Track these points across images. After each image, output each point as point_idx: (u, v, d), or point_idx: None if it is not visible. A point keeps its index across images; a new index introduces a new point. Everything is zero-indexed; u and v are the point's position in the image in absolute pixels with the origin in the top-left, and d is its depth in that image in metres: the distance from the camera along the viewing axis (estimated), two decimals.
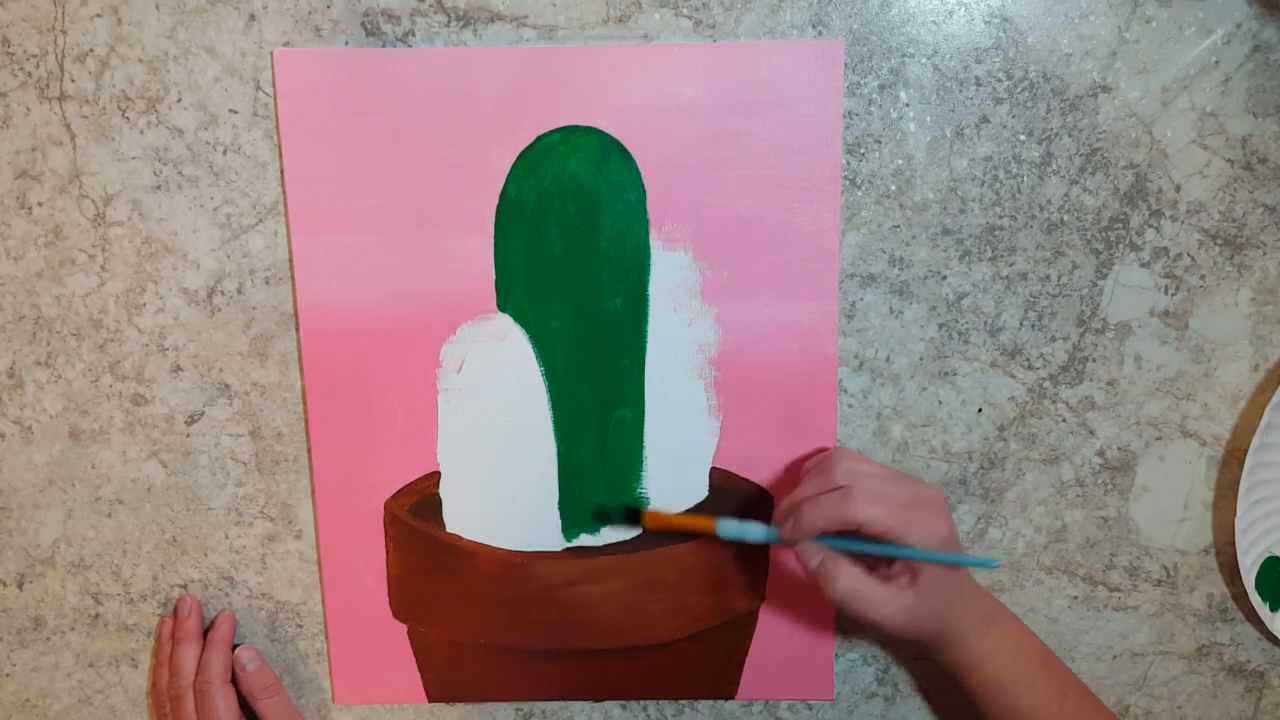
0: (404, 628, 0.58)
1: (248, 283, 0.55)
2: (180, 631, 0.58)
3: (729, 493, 0.56)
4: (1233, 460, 0.55)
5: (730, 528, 0.52)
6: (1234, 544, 0.54)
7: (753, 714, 0.59)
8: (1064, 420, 0.55)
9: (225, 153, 0.54)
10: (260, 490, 0.57)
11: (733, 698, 0.59)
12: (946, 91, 0.52)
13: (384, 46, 0.52)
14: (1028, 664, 0.51)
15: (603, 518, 0.56)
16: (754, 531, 0.51)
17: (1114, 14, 0.51)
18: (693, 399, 0.55)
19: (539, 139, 0.53)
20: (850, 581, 0.48)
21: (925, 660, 0.58)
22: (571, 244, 0.54)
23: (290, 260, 0.54)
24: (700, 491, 0.56)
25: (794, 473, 0.56)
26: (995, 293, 0.54)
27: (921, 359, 0.55)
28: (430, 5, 0.52)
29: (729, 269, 0.54)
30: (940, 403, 0.55)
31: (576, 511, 0.57)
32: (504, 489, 0.56)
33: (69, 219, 0.55)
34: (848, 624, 0.58)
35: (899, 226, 0.53)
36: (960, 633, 0.50)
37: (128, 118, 0.53)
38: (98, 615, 0.59)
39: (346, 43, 0.52)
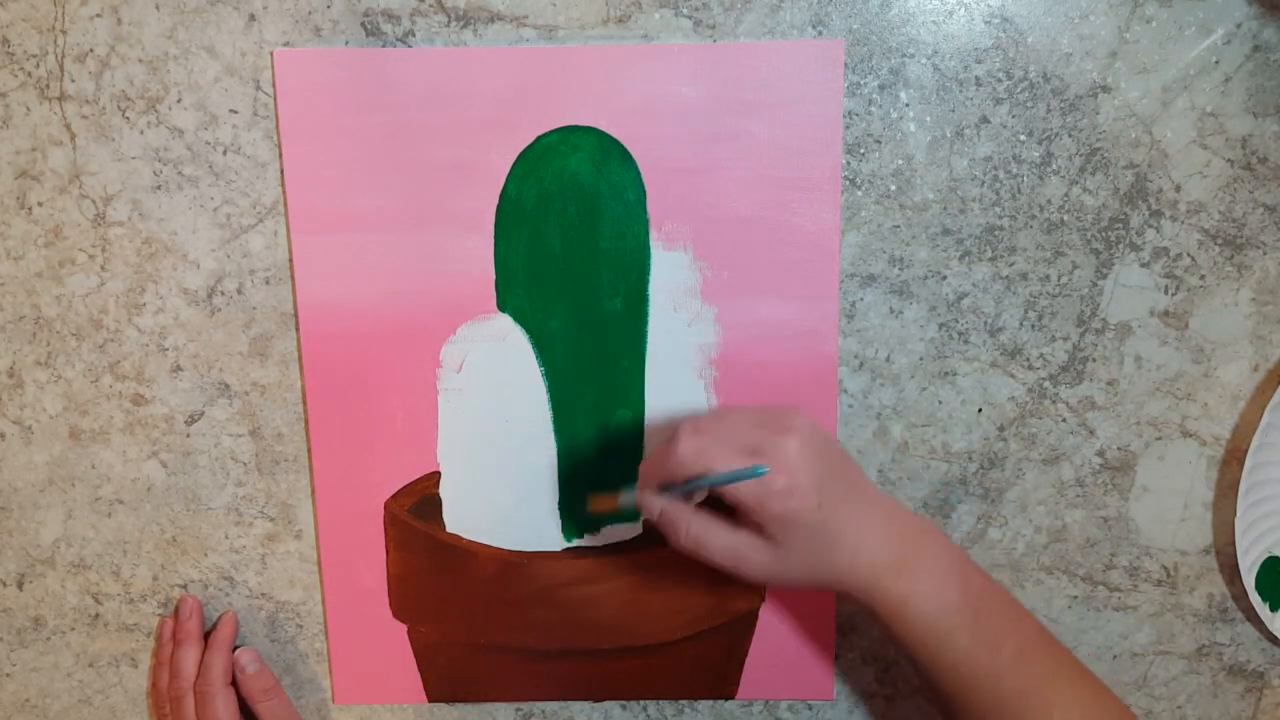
0: (404, 628, 0.58)
1: (248, 283, 0.55)
2: (181, 632, 0.58)
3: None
4: (1233, 460, 0.55)
5: (625, 500, 0.50)
6: (1234, 544, 0.54)
7: (753, 714, 0.59)
8: (1064, 420, 0.55)
9: (225, 153, 0.54)
10: (260, 490, 0.57)
11: (733, 698, 0.59)
12: (946, 91, 0.52)
13: (384, 46, 0.52)
14: (953, 611, 0.45)
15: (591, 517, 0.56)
16: (625, 499, 0.50)
17: (1114, 14, 0.51)
18: (693, 399, 0.55)
19: (539, 139, 0.53)
20: (700, 530, 0.46)
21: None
22: (571, 244, 0.54)
23: (290, 260, 0.54)
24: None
25: None
26: (995, 293, 0.54)
27: (921, 359, 0.55)
28: (430, 5, 0.52)
29: (729, 269, 0.54)
30: (940, 403, 0.55)
31: (576, 511, 0.57)
32: (504, 489, 0.56)
33: (69, 219, 0.55)
34: (844, 621, 0.58)
35: (899, 226, 0.53)
36: (864, 578, 0.46)
37: (128, 118, 0.53)
38: (98, 615, 0.59)
39: (346, 43, 0.52)
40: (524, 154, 0.53)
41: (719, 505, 0.47)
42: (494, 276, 0.54)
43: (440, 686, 0.59)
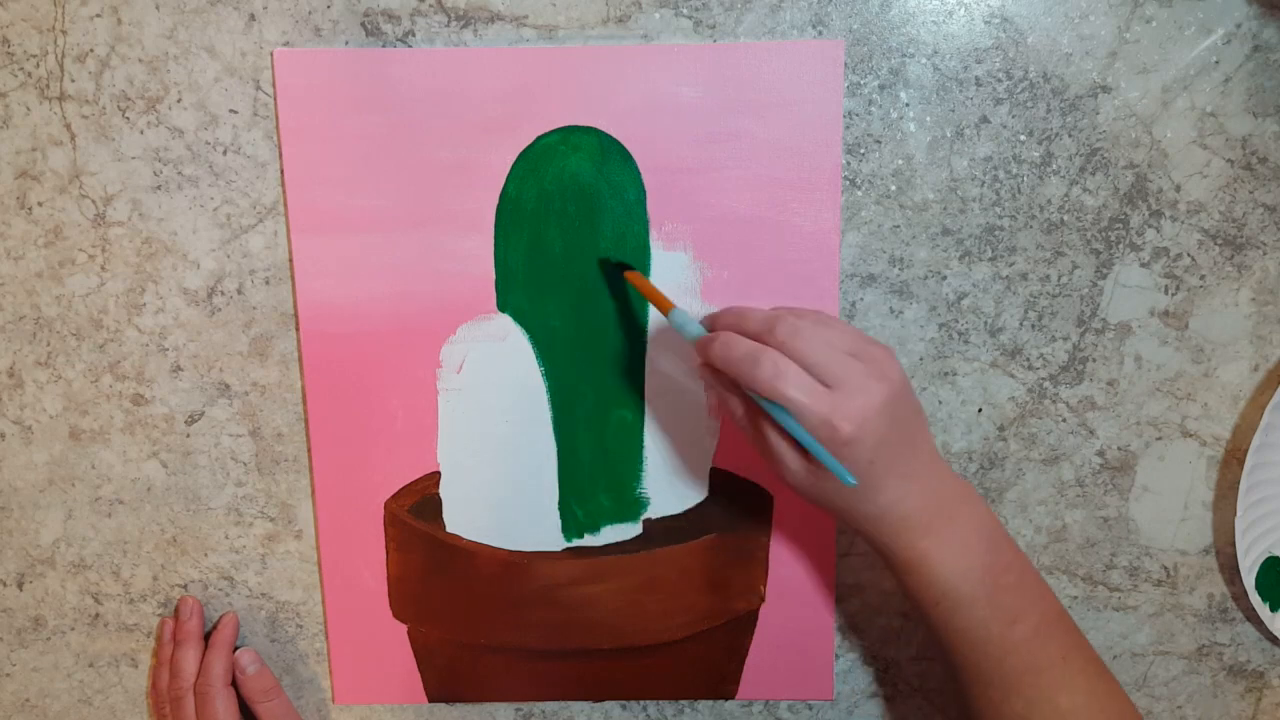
0: (404, 628, 0.58)
1: (248, 283, 0.55)
2: (181, 633, 0.58)
3: (729, 493, 0.56)
4: (1233, 460, 0.55)
5: (678, 317, 0.49)
6: (1234, 544, 0.54)
7: (753, 714, 0.59)
8: (1064, 420, 0.55)
9: (225, 153, 0.54)
10: (260, 490, 0.57)
11: (733, 698, 0.59)
12: (946, 91, 0.52)
13: (384, 46, 0.52)
14: (972, 579, 0.44)
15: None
16: (691, 329, 0.48)
17: (1114, 14, 0.51)
18: (693, 399, 0.55)
19: (539, 139, 0.53)
20: (751, 421, 0.45)
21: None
22: (571, 244, 0.54)
23: (290, 260, 0.54)
24: (700, 491, 0.56)
25: None
26: (995, 293, 0.54)
27: (921, 359, 0.55)
28: (430, 5, 0.52)
29: (729, 269, 0.54)
30: (940, 403, 0.55)
31: (576, 511, 0.57)
32: (504, 489, 0.56)
33: (69, 219, 0.55)
34: (844, 621, 0.58)
35: (899, 226, 0.53)
36: (890, 533, 0.45)
37: (128, 118, 0.53)
38: (98, 615, 0.59)
39: (346, 43, 0.52)
40: (524, 154, 0.53)
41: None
42: (494, 276, 0.54)
43: (440, 686, 0.59)
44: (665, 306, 0.50)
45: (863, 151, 0.53)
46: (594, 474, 0.56)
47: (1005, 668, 0.45)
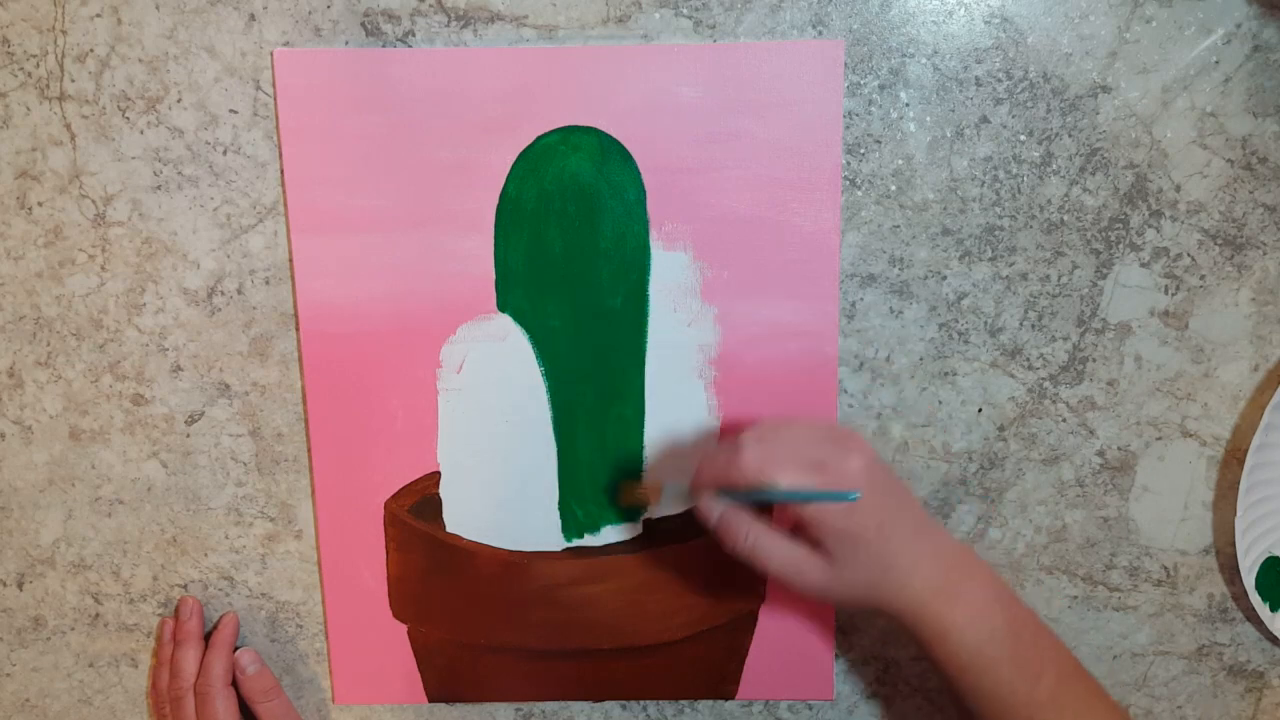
0: (404, 628, 0.58)
1: (248, 283, 0.55)
2: (182, 633, 0.58)
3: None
4: (1233, 460, 0.55)
5: (669, 492, 0.51)
6: (1234, 544, 0.54)
7: (753, 714, 0.59)
8: (1064, 420, 0.55)
9: (225, 153, 0.54)
10: (260, 490, 0.57)
11: (733, 698, 0.59)
12: (946, 91, 0.52)
13: (384, 46, 0.52)
14: (996, 641, 0.46)
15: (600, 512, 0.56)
16: (676, 492, 0.51)
17: (1114, 14, 0.51)
18: (693, 399, 0.55)
19: (539, 139, 0.53)
20: (759, 538, 0.47)
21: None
22: (571, 244, 0.54)
23: (290, 260, 0.54)
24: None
25: None
26: (995, 293, 0.54)
27: (921, 359, 0.55)
28: (430, 5, 0.52)
29: (729, 269, 0.54)
30: (940, 403, 0.55)
31: (576, 511, 0.57)
32: (504, 489, 0.56)
33: (69, 219, 0.55)
34: (844, 621, 0.58)
35: (899, 226, 0.53)
36: (913, 602, 0.46)
37: (128, 118, 0.53)
38: (98, 615, 0.59)
39: (346, 43, 0.52)
40: (524, 154, 0.53)
41: (759, 508, 0.48)
42: (494, 276, 0.54)
43: (440, 686, 0.59)
44: (648, 495, 0.54)
45: (863, 151, 0.53)
46: (594, 474, 0.56)
47: None
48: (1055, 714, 0.46)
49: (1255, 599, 0.55)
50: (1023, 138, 0.52)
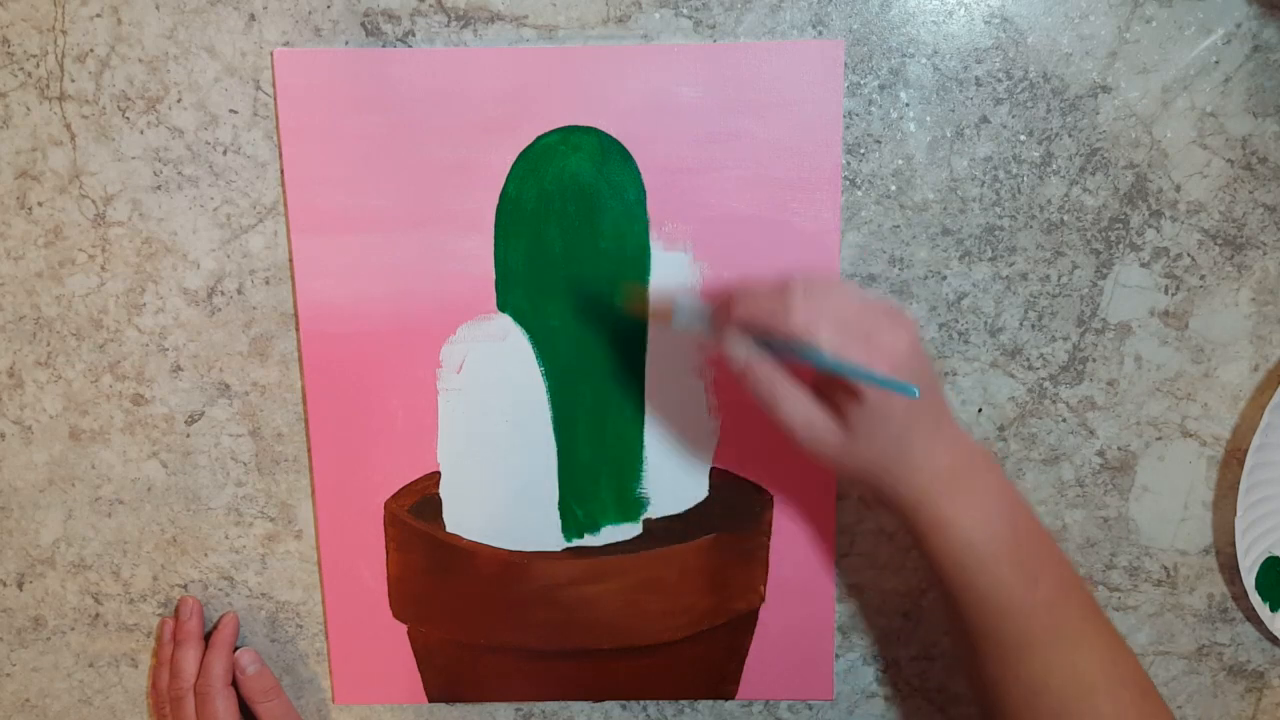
0: (404, 628, 0.58)
1: (248, 283, 0.55)
2: (182, 633, 0.58)
3: (729, 493, 0.56)
4: (1233, 460, 0.55)
5: (682, 311, 0.49)
6: (1234, 544, 0.54)
7: (753, 714, 0.59)
8: (1064, 420, 0.55)
9: (225, 153, 0.54)
10: (260, 490, 0.57)
11: (733, 698, 0.59)
12: (946, 91, 0.52)
13: (384, 46, 0.52)
14: (996, 542, 0.44)
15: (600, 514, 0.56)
16: (691, 313, 0.48)
17: (1114, 14, 0.51)
18: (693, 399, 0.55)
19: (539, 139, 0.53)
20: (782, 392, 0.44)
21: (880, 504, 0.52)
22: (571, 244, 0.54)
23: (290, 260, 0.54)
24: (700, 491, 0.56)
25: (794, 472, 0.56)
26: (995, 293, 0.54)
27: None
28: (430, 5, 0.52)
29: (729, 269, 0.54)
30: None
31: (576, 511, 0.57)
32: (504, 489, 0.57)
33: (69, 219, 0.55)
34: (844, 621, 0.58)
35: (899, 226, 0.53)
36: (917, 489, 0.45)
37: (128, 118, 0.53)
38: (98, 615, 0.59)
39: (346, 43, 0.52)
40: (524, 154, 0.53)
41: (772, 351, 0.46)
42: (494, 276, 0.54)
43: (440, 686, 0.59)
44: (666, 311, 0.50)
45: (863, 151, 0.53)
46: (594, 474, 0.56)
47: (1025, 631, 0.45)
48: (1050, 619, 0.45)
49: (1255, 599, 0.55)
50: (1023, 138, 0.52)
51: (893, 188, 0.53)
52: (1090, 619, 0.46)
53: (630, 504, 0.56)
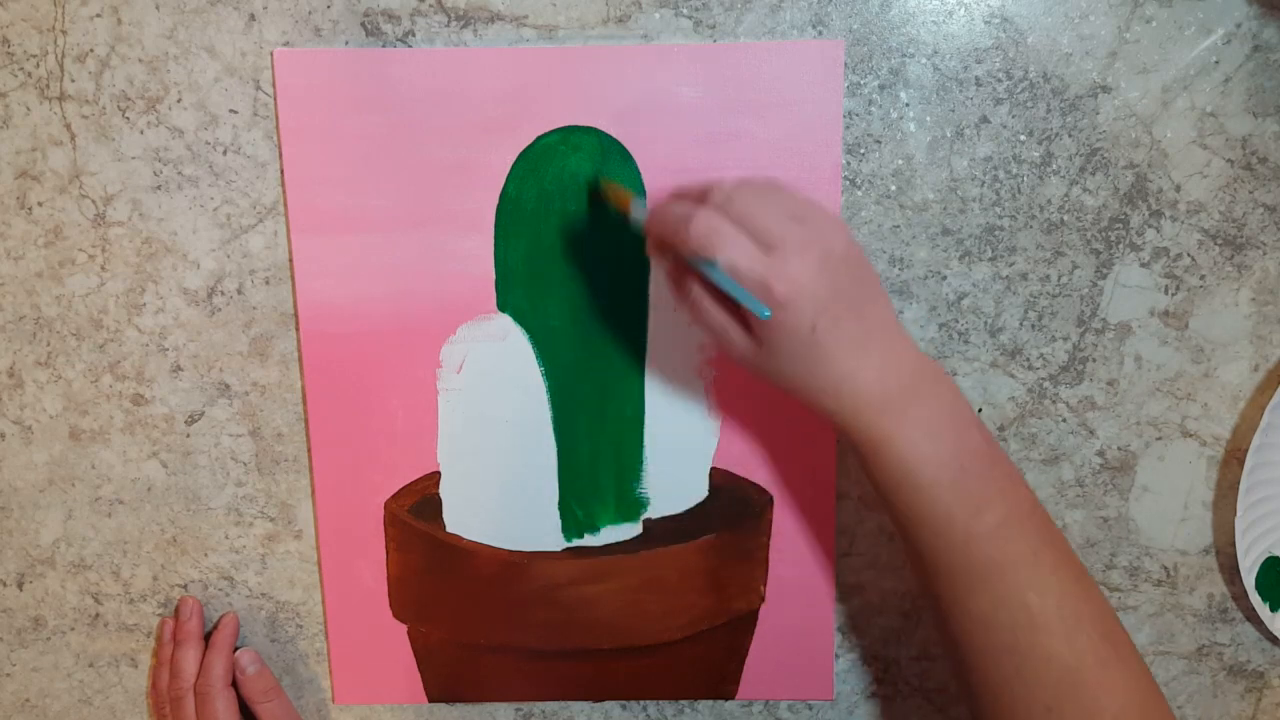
0: (404, 628, 0.58)
1: (248, 283, 0.55)
2: (182, 633, 0.58)
3: (729, 493, 0.56)
4: (1233, 460, 0.55)
5: (637, 210, 0.48)
6: (1234, 544, 0.54)
7: (753, 714, 0.59)
8: (1064, 420, 0.55)
9: (225, 153, 0.54)
10: (260, 490, 0.57)
11: (733, 698, 0.59)
12: (946, 91, 0.52)
13: (384, 46, 0.52)
14: (936, 463, 0.42)
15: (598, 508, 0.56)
16: (637, 212, 0.47)
17: (1114, 14, 0.51)
18: (693, 399, 0.55)
19: (539, 139, 0.53)
20: (700, 297, 0.44)
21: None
22: (571, 244, 0.54)
23: (290, 260, 0.54)
24: (700, 491, 0.56)
25: (794, 472, 0.56)
26: (995, 293, 0.54)
27: None
28: (430, 5, 0.52)
29: None
30: None
31: (576, 511, 0.57)
32: (504, 489, 0.57)
33: (69, 219, 0.55)
34: (844, 621, 0.58)
35: (899, 226, 0.53)
36: (847, 408, 0.42)
37: (128, 118, 0.53)
38: (98, 615, 0.59)
39: (346, 43, 0.52)
40: (524, 154, 0.53)
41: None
42: (494, 276, 0.54)
43: (440, 686, 0.59)
44: (623, 198, 0.49)
45: (863, 151, 0.53)
46: (594, 474, 0.56)
47: (970, 561, 0.42)
48: (995, 552, 0.41)
49: (1255, 599, 0.55)
50: (1023, 138, 0.52)
51: (893, 188, 0.53)
52: (1044, 552, 0.42)
53: (630, 504, 0.56)
